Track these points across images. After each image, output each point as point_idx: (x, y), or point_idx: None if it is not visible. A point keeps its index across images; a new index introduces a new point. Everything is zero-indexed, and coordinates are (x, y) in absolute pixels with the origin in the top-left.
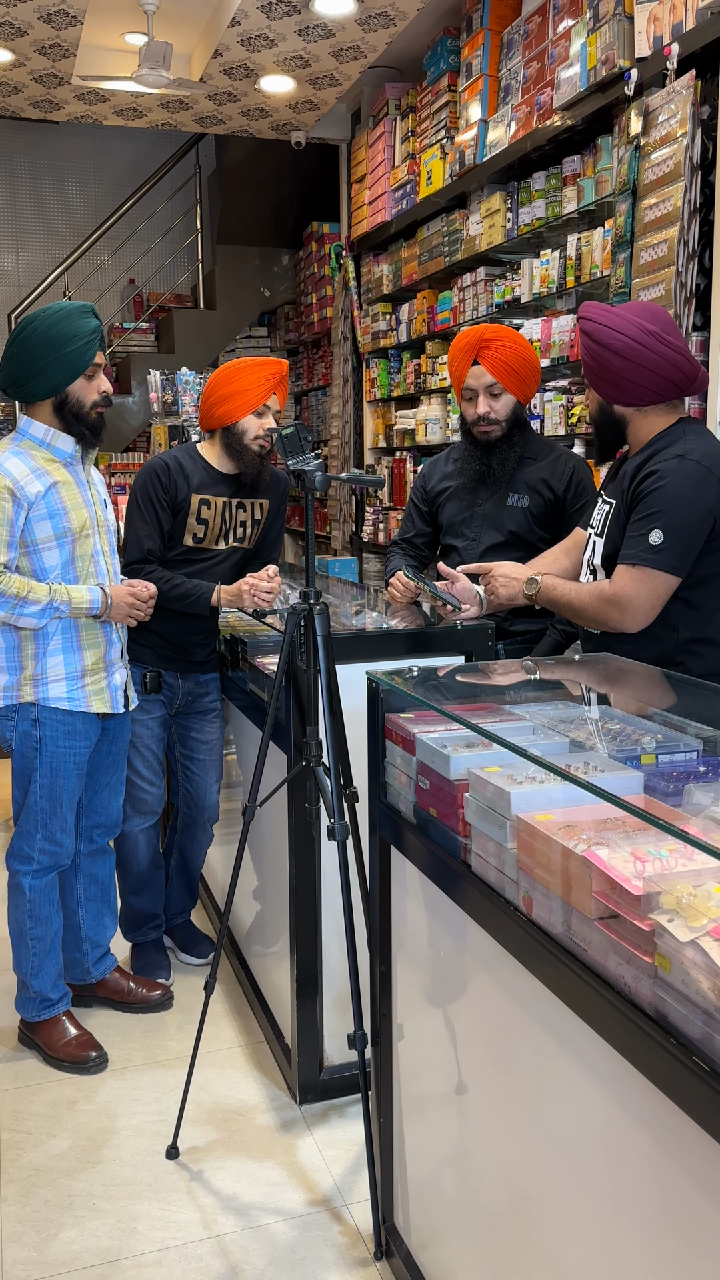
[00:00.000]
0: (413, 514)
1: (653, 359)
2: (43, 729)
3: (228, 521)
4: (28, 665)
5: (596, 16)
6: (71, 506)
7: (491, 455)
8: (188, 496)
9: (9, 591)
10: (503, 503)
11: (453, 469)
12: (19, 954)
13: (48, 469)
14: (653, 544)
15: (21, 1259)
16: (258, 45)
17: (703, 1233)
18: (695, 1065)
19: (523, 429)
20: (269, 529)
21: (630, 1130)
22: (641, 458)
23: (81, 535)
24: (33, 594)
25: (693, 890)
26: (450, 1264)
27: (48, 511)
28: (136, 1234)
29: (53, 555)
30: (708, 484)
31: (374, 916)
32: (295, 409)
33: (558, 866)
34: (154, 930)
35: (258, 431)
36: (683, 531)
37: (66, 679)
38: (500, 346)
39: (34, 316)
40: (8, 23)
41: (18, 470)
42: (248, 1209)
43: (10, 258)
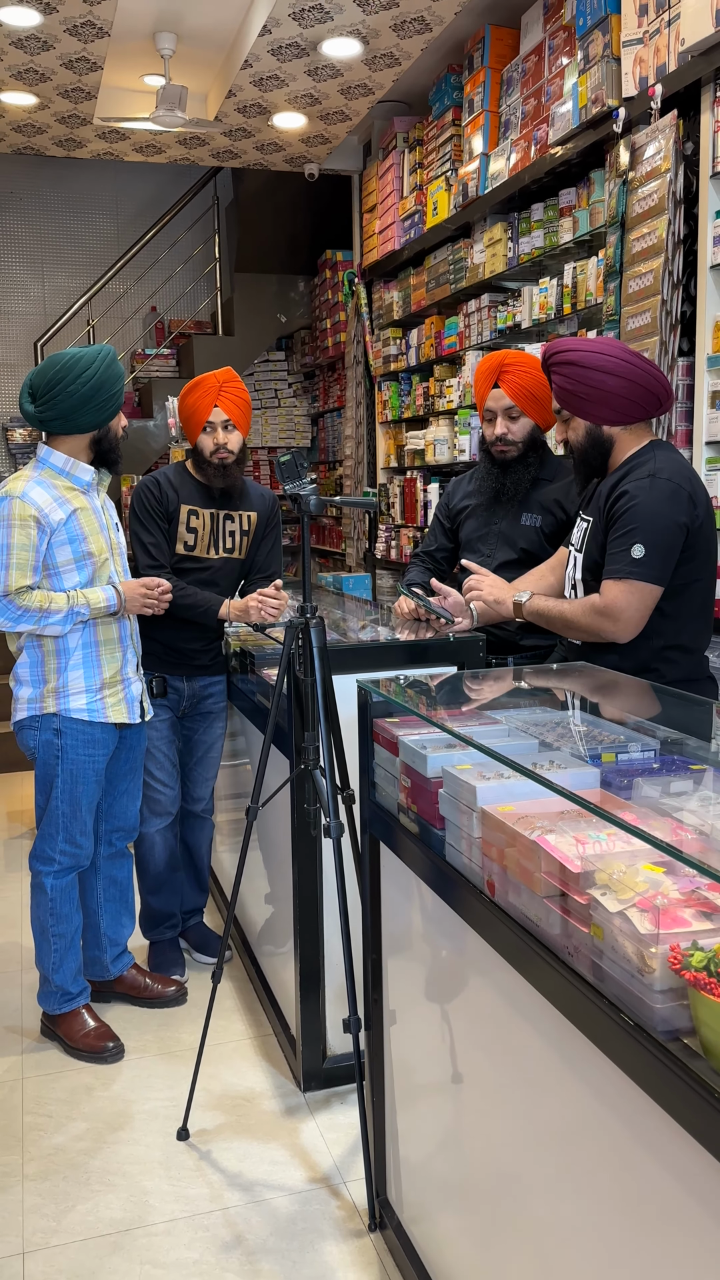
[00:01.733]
0: (436, 529)
1: (640, 374)
2: (64, 738)
3: (217, 532)
4: (50, 679)
5: (587, 58)
6: (90, 532)
7: (507, 474)
8: (177, 507)
9: (32, 606)
10: (517, 521)
11: (474, 487)
12: (41, 950)
13: (68, 497)
14: (635, 558)
15: (42, 1228)
16: (269, 85)
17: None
18: (623, 1021)
19: (540, 451)
20: (260, 541)
21: (581, 1093)
22: (616, 478)
23: (100, 559)
24: (53, 604)
25: (624, 868)
26: (439, 1235)
27: (68, 537)
28: (148, 1206)
29: (72, 577)
30: (678, 498)
31: (366, 908)
32: (312, 430)
33: (514, 852)
34: (170, 929)
35: (210, 446)
36: (660, 544)
37: (86, 691)
38: (520, 372)
39: (78, 359)
40: (32, 69)
41: (42, 499)
42: (252, 1185)
43: (36, 287)
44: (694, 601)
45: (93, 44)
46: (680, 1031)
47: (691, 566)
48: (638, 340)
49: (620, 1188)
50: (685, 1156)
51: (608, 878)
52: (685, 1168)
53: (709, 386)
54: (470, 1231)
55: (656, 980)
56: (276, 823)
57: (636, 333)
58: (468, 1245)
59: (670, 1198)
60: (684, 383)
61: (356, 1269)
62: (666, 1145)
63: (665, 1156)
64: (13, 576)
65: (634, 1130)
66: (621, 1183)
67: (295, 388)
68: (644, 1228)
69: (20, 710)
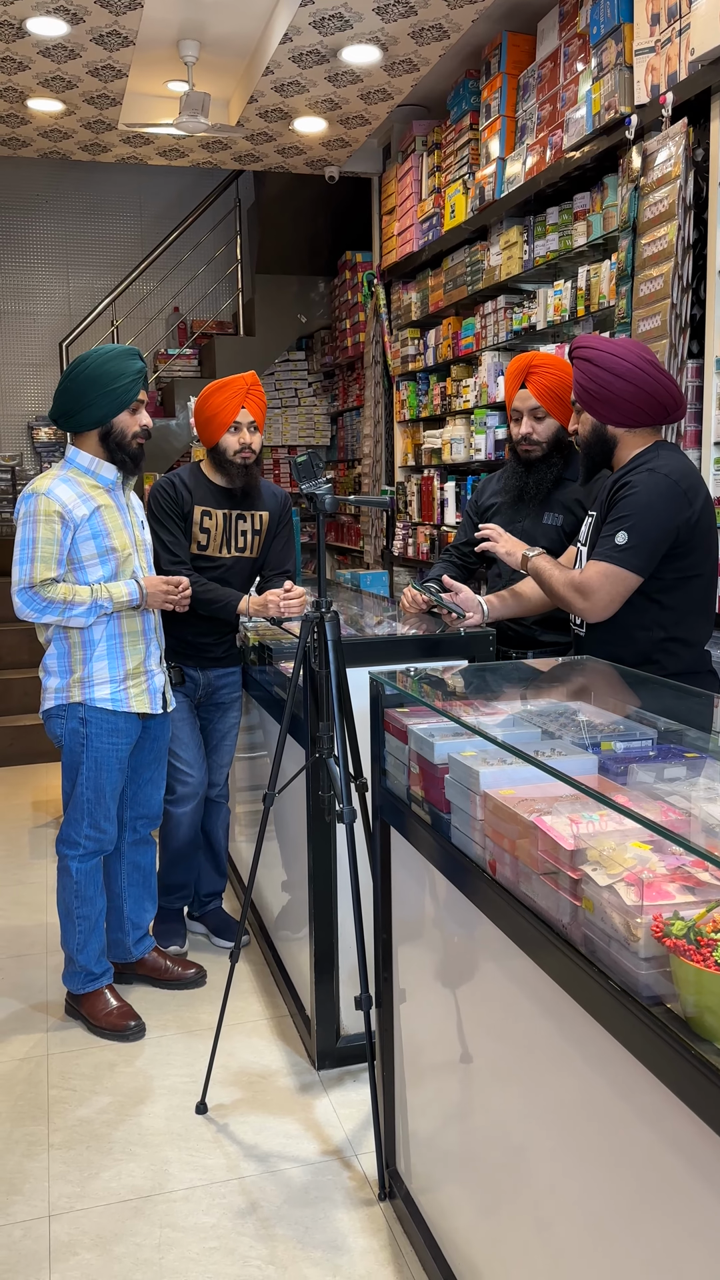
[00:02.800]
0: (466, 525)
1: (650, 383)
2: (89, 726)
3: (229, 532)
4: (76, 669)
5: (600, 66)
6: (113, 529)
7: (531, 474)
8: (191, 508)
9: (56, 598)
10: (539, 520)
11: (500, 485)
12: (67, 931)
13: (92, 494)
14: (618, 544)
15: (67, 1193)
16: (290, 91)
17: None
18: (612, 987)
19: (564, 452)
20: (272, 539)
21: (577, 1062)
22: (619, 474)
23: (124, 555)
24: (77, 597)
25: (614, 846)
26: (446, 1205)
27: (92, 533)
28: (168, 1175)
29: (95, 571)
30: (674, 495)
31: (377, 891)
32: (332, 429)
33: (513, 832)
34: (180, 900)
35: (235, 446)
36: (647, 536)
37: (110, 681)
38: (546, 373)
39: (86, 356)
40: (59, 77)
41: (66, 496)
42: (267, 1156)
43: (61, 288)
44: (694, 595)
45: (118, 52)
46: (664, 996)
47: (690, 561)
48: (648, 343)
49: (617, 1156)
50: (675, 1120)
51: (598, 854)
52: (676, 1131)
53: (718, 388)
54: (475, 1201)
55: (641, 948)
56: (292, 810)
57: (647, 335)
58: (473, 1214)
59: (664, 1163)
60: (693, 384)
61: (366, 1235)
62: (658, 1110)
63: (657, 1121)
64: (38, 569)
65: (628, 1098)
66: (618, 1151)
67: (315, 387)
68: (641, 1194)
69: (48, 699)
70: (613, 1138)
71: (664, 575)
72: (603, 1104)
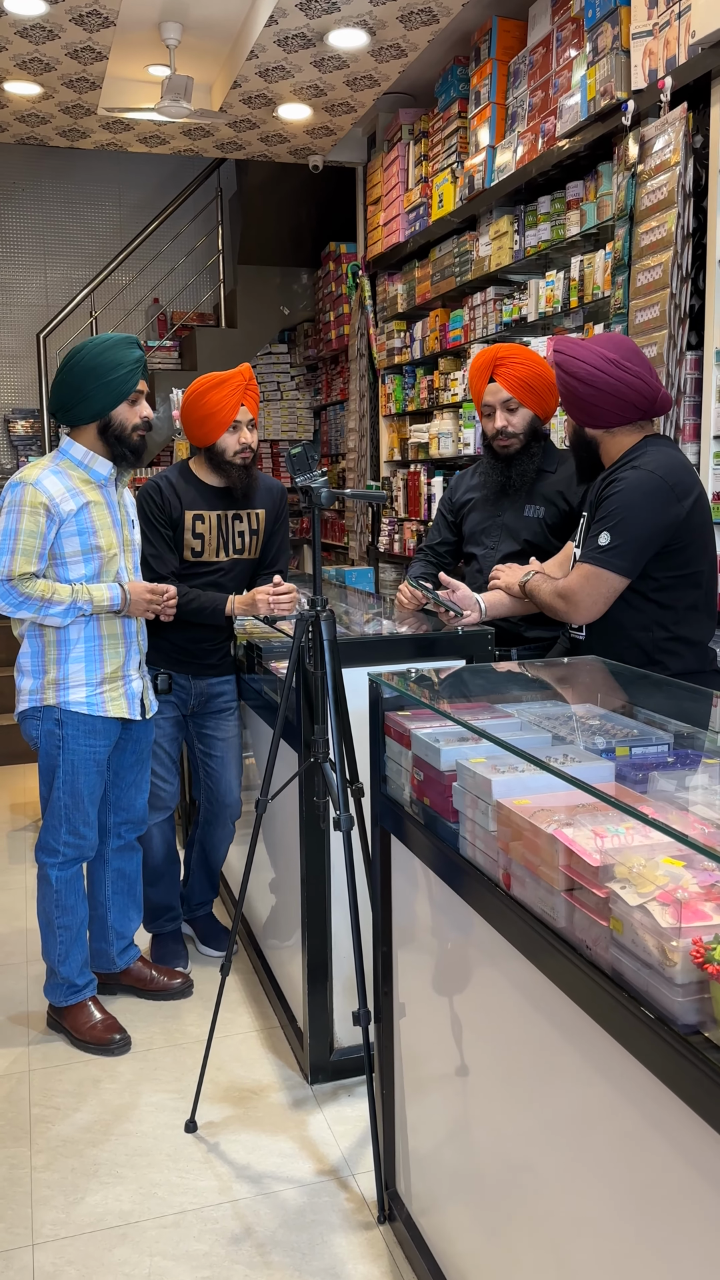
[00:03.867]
0: (440, 523)
1: (612, 384)
2: (65, 728)
3: (225, 534)
4: (50, 670)
5: (595, 50)
6: (101, 527)
7: (511, 467)
8: (181, 514)
9: (34, 594)
10: (520, 513)
11: (477, 481)
12: (47, 942)
13: (82, 489)
14: (601, 544)
15: (50, 1220)
16: (275, 76)
17: (656, 1172)
18: (643, 1015)
19: (541, 442)
20: (270, 538)
21: (598, 1085)
22: (608, 472)
23: (109, 554)
24: (56, 595)
25: (644, 862)
26: (448, 1227)
27: (78, 529)
28: (156, 1198)
29: (78, 569)
30: (659, 492)
31: (376, 901)
32: (315, 423)
33: (531, 845)
34: (170, 922)
35: (235, 447)
36: (632, 535)
37: (86, 685)
38: (514, 364)
39: (82, 346)
40: (37, 58)
41: (54, 488)
42: (260, 1177)
43: (39, 278)
44: (694, 593)
45: (98, 33)
46: (701, 1024)
47: (685, 558)
48: (645, 334)
49: (637, 1178)
50: (708, 1149)
51: (627, 871)
52: (709, 1161)
53: (717, 380)
54: (480, 1223)
55: (678, 974)
56: (284, 816)
57: (645, 326)
58: (478, 1236)
59: (690, 1189)
60: (692, 376)
61: (366, 1261)
62: (687, 1137)
63: (686, 1149)
64: (17, 562)
65: (653, 1121)
66: (639, 1173)
67: (298, 380)
68: (661, 1218)
69: (22, 701)
70: (637, 1163)
71: (658, 575)
72: (625, 1128)
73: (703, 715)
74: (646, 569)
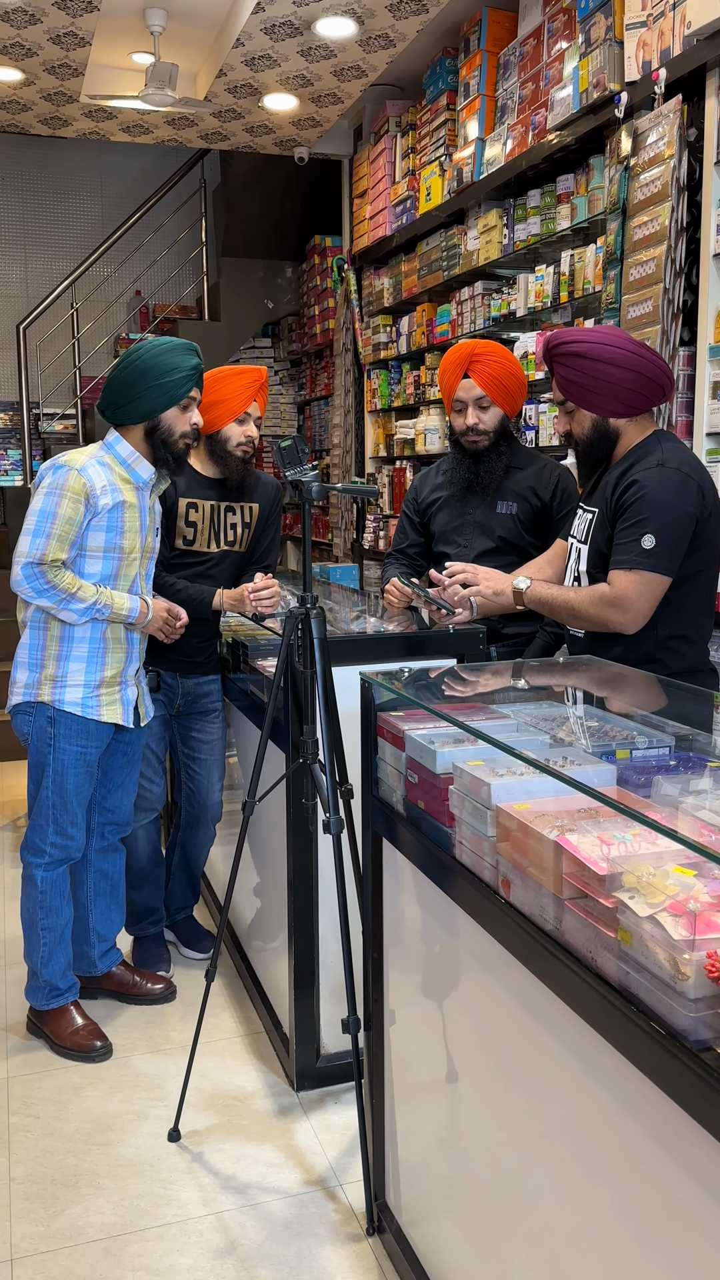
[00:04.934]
0: (406, 525)
1: (647, 366)
2: (57, 726)
3: (217, 524)
4: (48, 665)
5: (588, 41)
6: (129, 529)
7: (480, 465)
8: (175, 501)
9: (60, 585)
10: (492, 510)
11: (442, 480)
12: (30, 944)
13: (121, 487)
14: (645, 548)
15: (30, 1233)
16: (261, 65)
17: (659, 1186)
18: (653, 1030)
19: (509, 440)
20: (261, 532)
21: (600, 1098)
22: (621, 468)
23: (130, 557)
24: (81, 592)
25: (653, 870)
26: (439, 1239)
27: (107, 525)
28: (139, 1211)
29: (95, 564)
30: (686, 488)
31: (366, 905)
32: (299, 418)
33: (532, 851)
34: (154, 925)
35: (240, 439)
36: (670, 535)
37: (84, 686)
38: (490, 361)
39: (140, 346)
40: (18, 44)
41: (98, 479)
42: (246, 1188)
43: (19, 269)
44: (697, 592)
45: (81, 18)
46: (714, 1040)
47: (697, 558)
48: (639, 329)
49: (639, 1193)
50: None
51: (636, 880)
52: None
53: (710, 377)
54: (473, 1235)
55: (691, 988)
56: (270, 818)
57: (637, 321)
58: (471, 1249)
59: (697, 1206)
60: (685, 373)
61: (355, 1274)
62: (696, 1153)
63: (694, 1165)
64: (51, 546)
65: (657, 1136)
66: (640, 1188)
67: (282, 375)
68: (664, 1235)
69: (16, 694)
70: (642, 1182)
71: None
72: (626, 1141)
73: (704, 717)
74: None
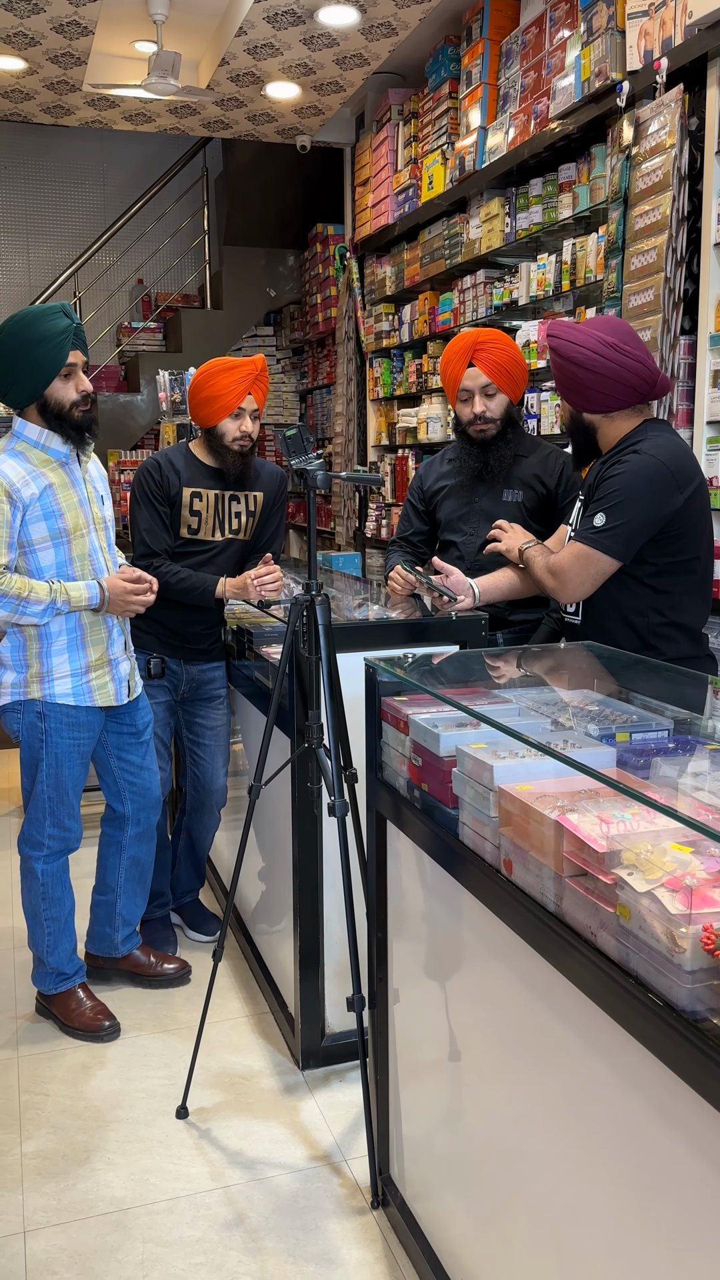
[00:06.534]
0: (410, 514)
1: (613, 369)
2: (47, 721)
3: (221, 513)
4: (33, 663)
5: (590, 30)
6: (66, 508)
7: (488, 453)
8: (179, 490)
9: (10, 591)
10: (498, 498)
11: (449, 468)
12: (35, 934)
13: (43, 470)
14: (595, 525)
15: (42, 1206)
16: (264, 54)
17: (659, 1159)
18: (651, 1001)
19: (515, 427)
20: (266, 521)
21: (600, 1071)
22: (607, 457)
23: (76, 535)
24: (34, 594)
25: (651, 848)
26: (442, 1212)
27: (43, 513)
28: (148, 1185)
29: (48, 555)
30: (660, 478)
31: (371, 887)
32: (301, 407)
33: (534, 831)
34: (160, 908)
35: (235, 434)
36: (627, 518)
37: (71, 675)
38: (494, 349)
39: (4, 324)
40: (21, 33)
41: (14, 473)
42: (253, 1163)
43: (21, 258)
44: (690, 579)
45: (84, 7)
46: (710, 1011)
47: (682, 544)
48: (639, 318)
49: (639, 1164)
50: (717, 1135)
51: (634, 857)
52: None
53: (710, 365)
54: (476, 1208)
55: (687, 960)
56: (275, 802)
57: (638, 310)
58: (473, 1221)
59: (697, 1175)
60: (685, 361)
61: (360, 1246)
62: (695, 1123)
63: (694, 1135)
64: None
65: (658, 1107)
66: (641, 1159)
67: (284, 363)
68: (664, 1204)
69: (4, 695)
70: (643, 1153)
71: (655, 560)
72: (626, 1113)
73: (700, 701)
74: (643, 554)
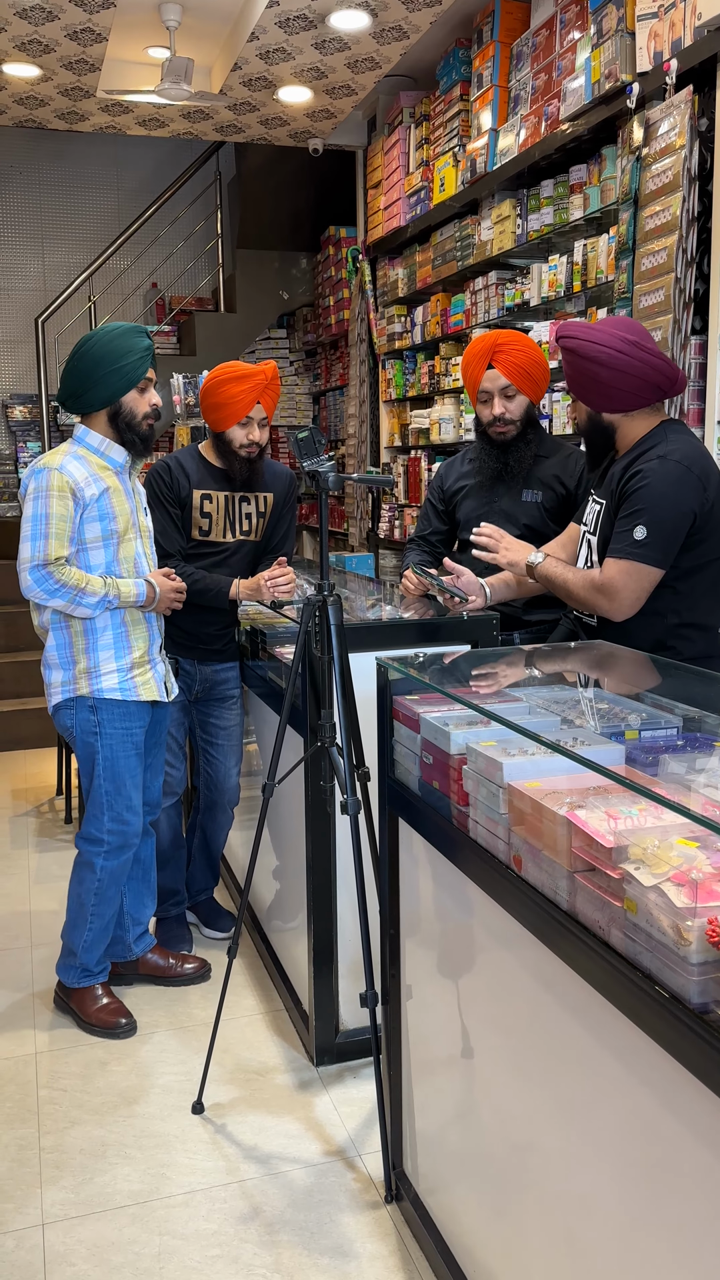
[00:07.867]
0: (429, 513)
1: (636, 366)
2: (100, 713)
3: (232, 515)
4: (80, 660)
5: (600, 32)
6: (119, 512)
7: (508, 454)
8: (189, 493)
9: (69, 582)
10: (518, 498)
11: (469, 468)
12: (76, 926)
13: (101, 475)
14: (637, 539)
15: (60, 1200)
16: (276, 58)
17: (667, 1151)
18: (657, 994)
19: (535, 428)
20: (276, 522)
21: (609, 1065)
22: (628, 460)
23: (125, 538)
24: (90, 586)
25: (658, 843)
26: (455, 1206)
27: (99, 514)
28: (165, 1179)
29: (98, 555)
30: (687, 481)
31: (384, 884)
32: (314, 408)
33: (544, 827)
34: (175, 906)
35: (243, 441)
36: (664, 527)
37: (117, 671)
38: (514, 350)
39: (92, 334)
40: (36, 40)
41: (79, 473)
42: (268, 1158)
43: (36, 263)
44: (708, 580)
45: (98, 15)
46: (716, 1003)
47: (705, 547)
48: (650, 318)
49: (648, 1156)
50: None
51: (641, 852)
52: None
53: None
54: (488, 1201)
55: (693, 953)
56: (289, 800)
57: (649, 310)
58: (486, 1215)
59: (704, 1166)
60: (696, 361)
61: (374, 1239)
62: (702, 1115)
63: (701, 1127)
64: (52, 546)
65: (665, 1100)
66: (650, 1151)
67: (297, 365)
68: (672, 1195)
69: (55, 695)
70: (652, 1145)
71: (679, 563)
72: (636, 1107)
73: (712, 699)
74: None
